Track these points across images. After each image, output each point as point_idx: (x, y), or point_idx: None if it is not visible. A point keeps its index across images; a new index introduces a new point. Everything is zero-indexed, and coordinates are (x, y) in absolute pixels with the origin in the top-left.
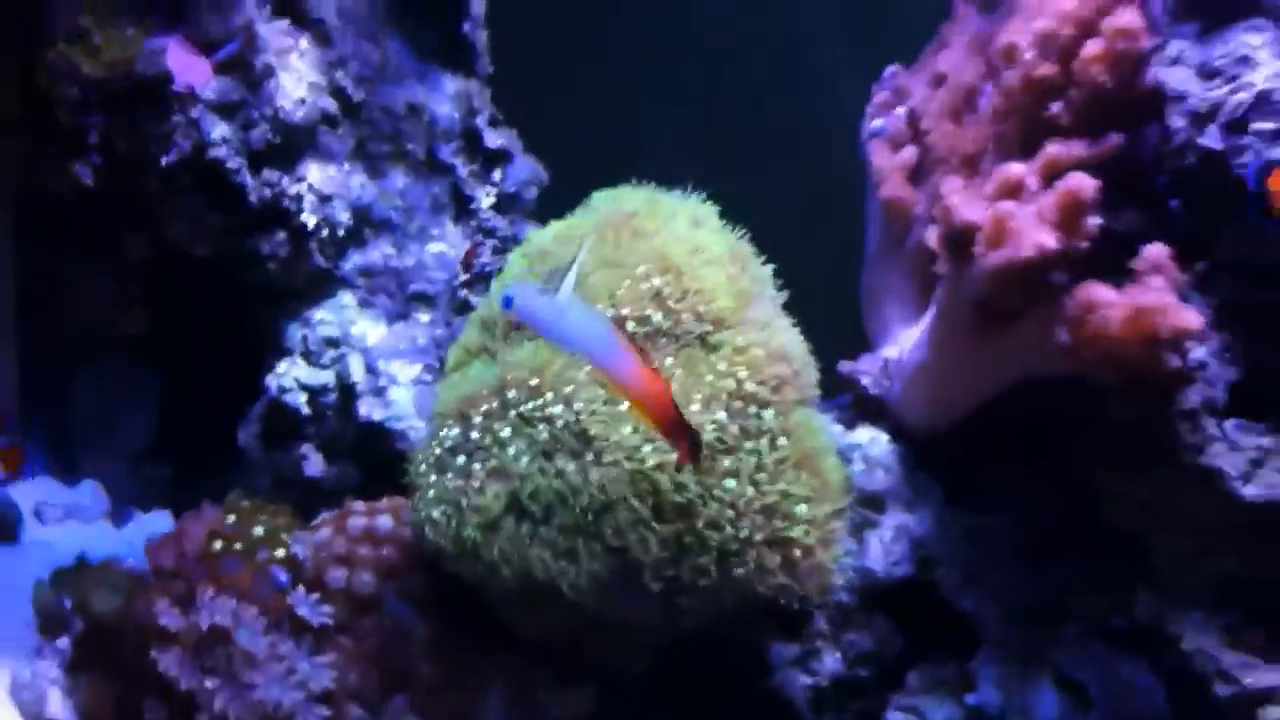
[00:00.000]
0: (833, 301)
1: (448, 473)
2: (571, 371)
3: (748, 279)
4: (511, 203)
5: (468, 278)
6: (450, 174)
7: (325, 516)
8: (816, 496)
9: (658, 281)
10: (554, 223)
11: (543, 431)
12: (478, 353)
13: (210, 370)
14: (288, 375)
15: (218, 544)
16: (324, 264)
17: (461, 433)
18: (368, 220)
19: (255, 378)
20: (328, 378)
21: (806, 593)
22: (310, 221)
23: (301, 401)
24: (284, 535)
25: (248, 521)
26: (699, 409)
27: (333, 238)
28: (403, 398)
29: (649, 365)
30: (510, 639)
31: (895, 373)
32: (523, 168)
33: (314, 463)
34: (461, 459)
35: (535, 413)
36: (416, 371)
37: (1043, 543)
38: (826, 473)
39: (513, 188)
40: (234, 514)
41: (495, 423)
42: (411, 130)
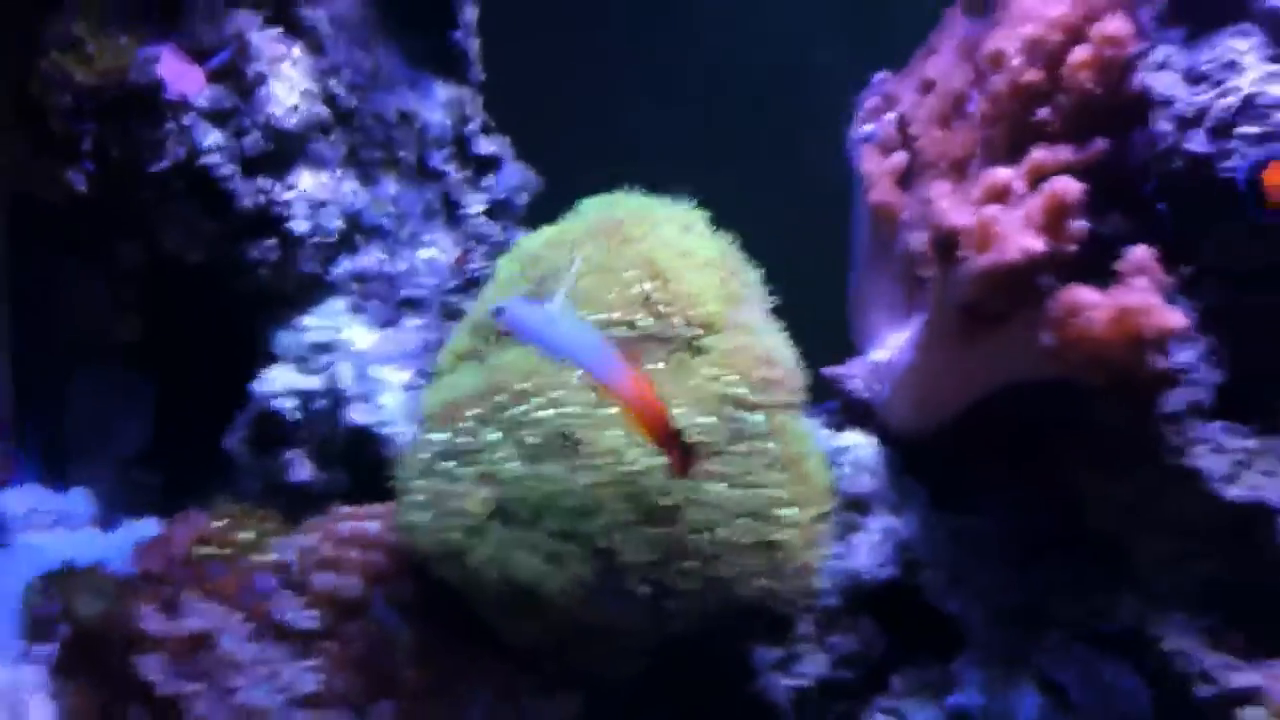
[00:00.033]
0: (821, 306)
1: (435, 477)
2: (559, 376)
3: (736, 283)
4: (503, 209)
5: (458, 283)
6: (442, 180)
7: (312, 521)
8: (802, 500)
9: (647, 286)
10: (544, 228)
11: (530, 436)
12: (467, 357)
13: (202, 376)
14: (277, 381)
15: (204, 549)
16: (315, 270)
17: (449, 437)
18: (359, 226)
19: (247, 384)
20: (317, 383)
21: (791, 596)
22: (301, 228)
23: (291, 407)
24: (271, 540)
25: (234, 526)
26: (687, 412)
27: (324, 244)
28: (393, 403)
29: (641, 376)
30: (497, 644)
31: (883, 376)
32: (514, 174)
33: (303, 468)
34: (449, 463)
35: (523, 417)
36: (407, 377)
37: (1028, 545)
38: (812, 476)
39: (504, 194)
40: (221, 519)
41: (483, 427)
42: (403, 137)
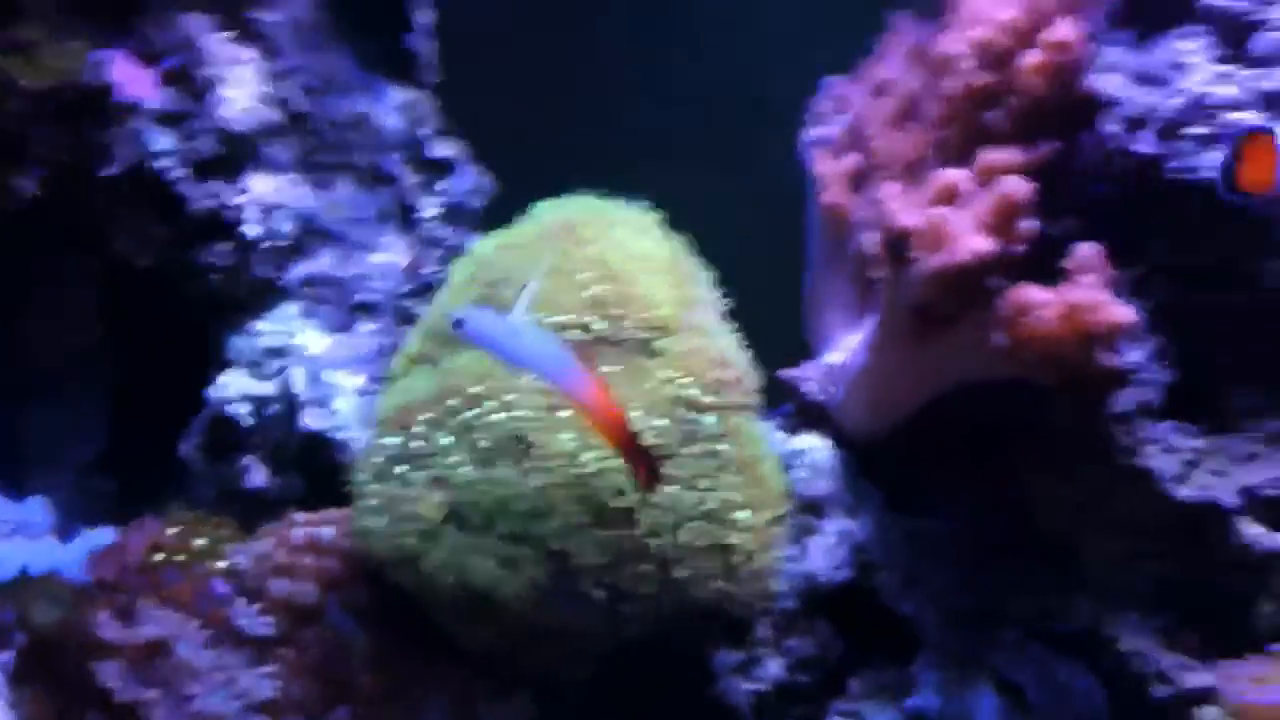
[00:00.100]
0: (778, 309)
1: (388, 482)
2: (512, 379)
3: (690, 286)
4: (457, 213)
5: (413, 287)
6: (395, 184)
7: (267, 528)
8: (757, 502)
9: (599, 289)
10: (497, 232)
11: (483, 439)
12: (421, 361)
13: (158, 382)
14: (230, 386)
15: (159, 556)
16: (268, 274)
17: (402, 441)
18: (312, 230)
19: (201, 390)
20: (271, 389)
21: (747, 599)
22: (254, 232)
23: (244, 413)
24: (225, 546)
25: (189, 533)
26: (641, 415)
27: (276, 248)
28: (347, 408)
29: (604, 388)
30: (453, 649)
31: (837, 379)
32: (468, 178)
33: (257, 474)
34: (402, 468)
35: (476, 420)
36: (361, 382)
37: (983, 546)
38: (767, 478)
39: (459, 198)
40: (175, 526)
41: (436, 431)
42: (357, 141)
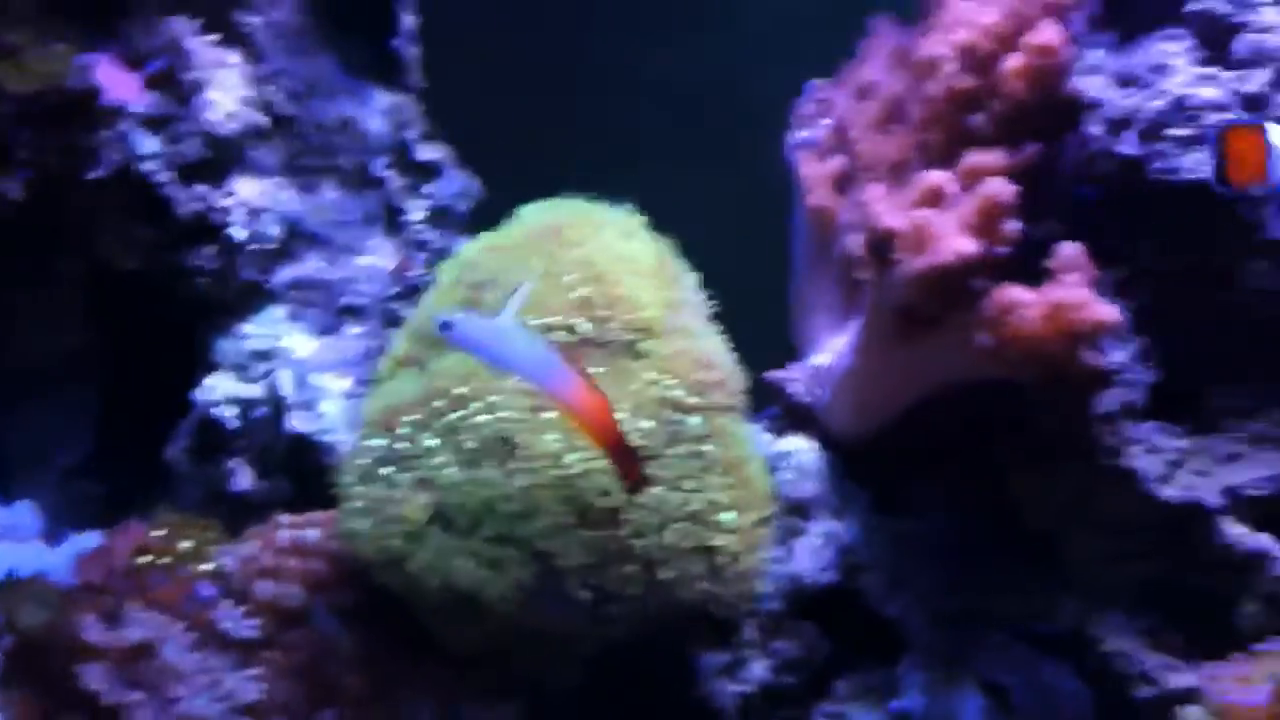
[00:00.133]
0: (766, 311)
1: (374, 483)
2: (497, 380)
3: (675, 288)
4: (443, 216)
5: (399, 290)
6: (381, 187)
7: (253, 530)
8: (743, 504)
9: (585, 291)
10: (483, 234)
11: (468, 441)
12: (407, 364)
13: (145, 386)
14: (217, 389)
15: (145, 558)
16: (254, 277)
17: (388, 443)
18: (298, 233)
19: (188, 393)
20: (257, 391)
21: (733, 600)
22: (240, 235)
23: (230, 415)
24: (211, 549)
25: (175, 536)
26: (627, 417)
27: (263, 251)
28: (333, 411)
29: (595, 391)
30: (439, 651)
31: (823, 380)
32: (455, 181)
33: (244, 477)
34: (388, 469)
35: (461, 422)
36: (347, 384)
37: (969, 548)
38: (752, 480)
39: (445, 201)
40: (161, 528)
41: (421, 433)
42: (343, 144)
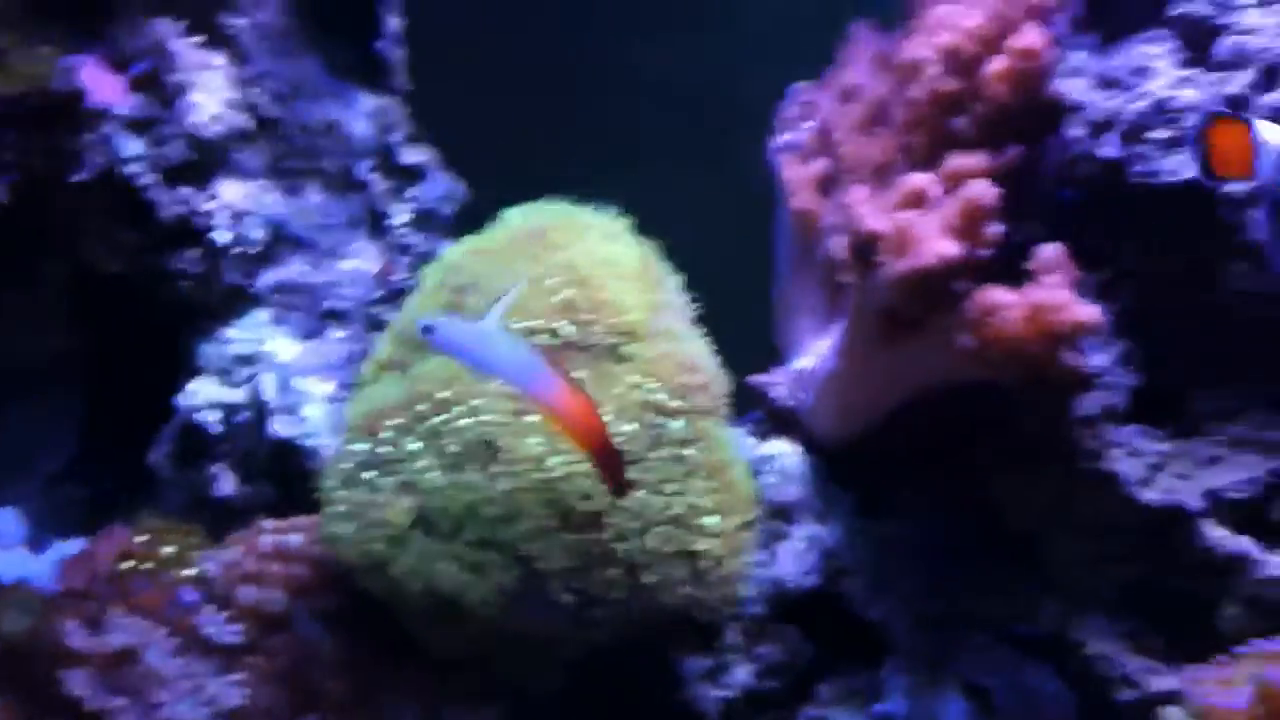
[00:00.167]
0: (747, 315)
1: (356, 488)
2: (480, 384)
3: (658, 291)
4: (428, 219)
5: (383, 294)
6: (366, 190)
7: (236, 535)
8: (726, 507)
9: (569, 293)
10: (467, 237)
11: (451, 444)
12: (390, 368)
13: (128, 390)
14: (199, 394)
15: (127, 564)
16: (238, 281)
17: (370, 447)
18: (282, 237)
19: (172, 397)
20: (240, 396)
21: (716, 604)
22: (224, 238)
23: (213, 420)
24: (194, 554)
25: (158, 541)
26: (610, 420)
27: (246, 255)
28: (317, 415)
29: (581, 394)
30: (422, 656)
31: (806, 384)
32: (440, 184)
33: (227, 482)
34: (370, 473)
35: (444, 426)
36: (331, 388)
37: (952, 551)
38: (736, 484)
39: (429, 204)
40: (144, 534)
41: (404, 436)
42: (327, 147)
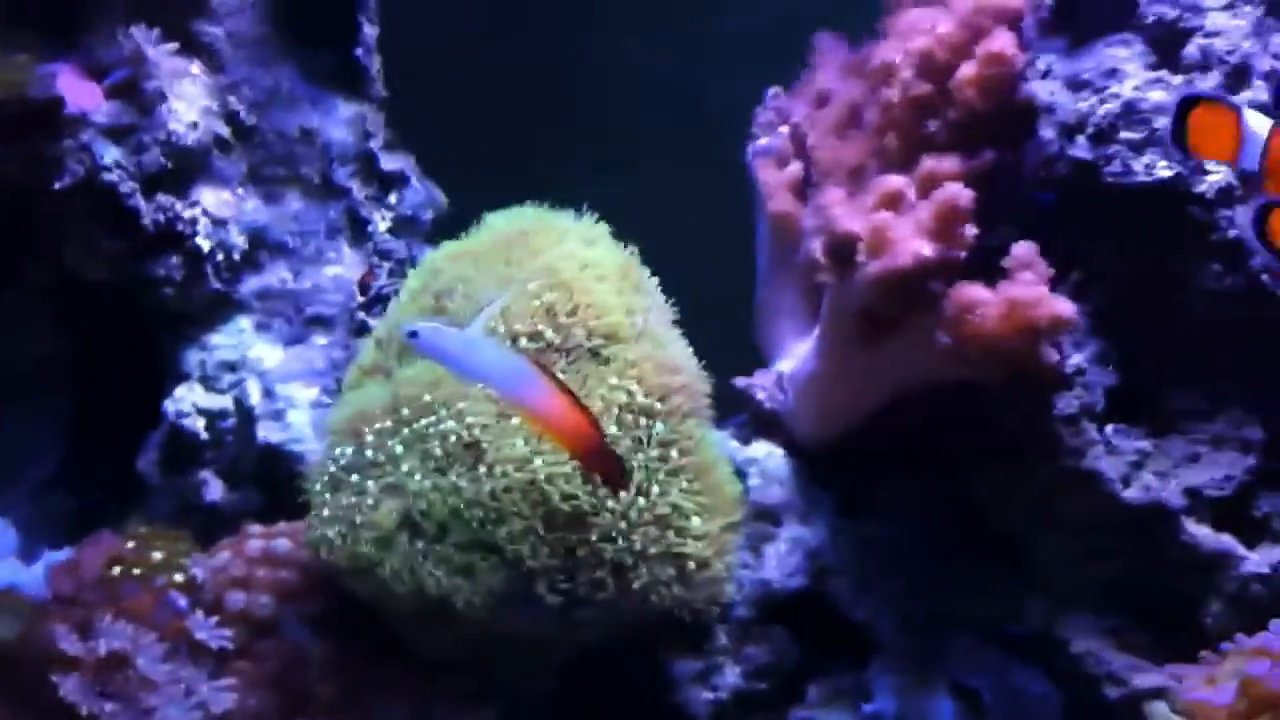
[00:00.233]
0: (730, 318)
1: (342, 491)
2: (463, 387)
3: (638, 294)
4: (408, 226)
5: (365, 300)
6: (346, 197)
7: (224, 541)
8: (709, 509)
9: (549, 297)
10: (448, 242)
11: (436, 447)
12: (373, 372)
13: (115, 398)
14: (185, 400)
15: (116, 569)
16: (220, 288)
17: (355, 451)
18: (263, 244)
19: (158, 404)
20: (226, 402)
21: (702, 605)
22: (205, 245)
23: (199, 426)
24: (182, 560)
25: (146, 547)
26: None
27: (228, 261)
28: (301, 420)
29: (570, 396)
30: (411, 658)
31: (787, 386)
32: (419, 191)
33: (214, 488)
34: (355, 477)
35: (428, 428)
36: (315, 394)
37: (936, 550)
38: (719, 485)
39: (409, 211)
40: (133, 540)
41: (388, 440)
42: (306, 154)
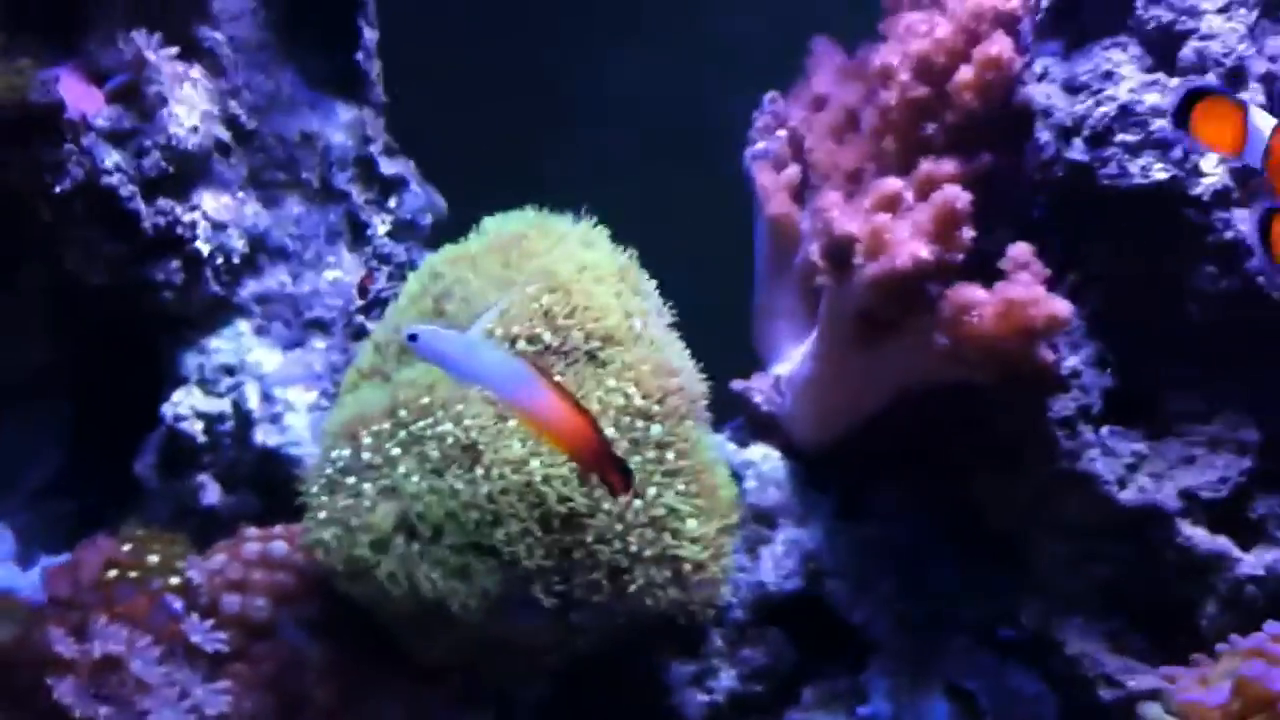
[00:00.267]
0: (728, 322)
1: (339, 494)
2: (460, 389)
3: (636, 296)
4: (407, 230)
5: (364, 303)
6: (345, 201)
7: (220, 544)
8: (706, 511)
9: (547, 300)
10: (447, 245)
11: (433, 449)
12: (371, 375)
13: (114, 402)
14: (183, 404)
15: (112, 572)
16: (219, 292)
17: (352, 453)
18: (263, 247)
19: (156, 408)
20: (224, 405)
21: (698, 608)
22: (205, 249)
23: (198, 430)
24: (179, 563)
25: (142, 550)
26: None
27: (228, 265)
28: (300, 424)
29: (570, 398)
30: (406, 662)
31: (785, 388)
32: (418, 195)
33: (212, 491)
34: (352, 479)
35: (425, 431)
36: (313, 397)
37: (932, 552)
38: (716, 487)
39: (408, 215)
40: (129, 543)
41: (386, 442)
42: (306, 158)
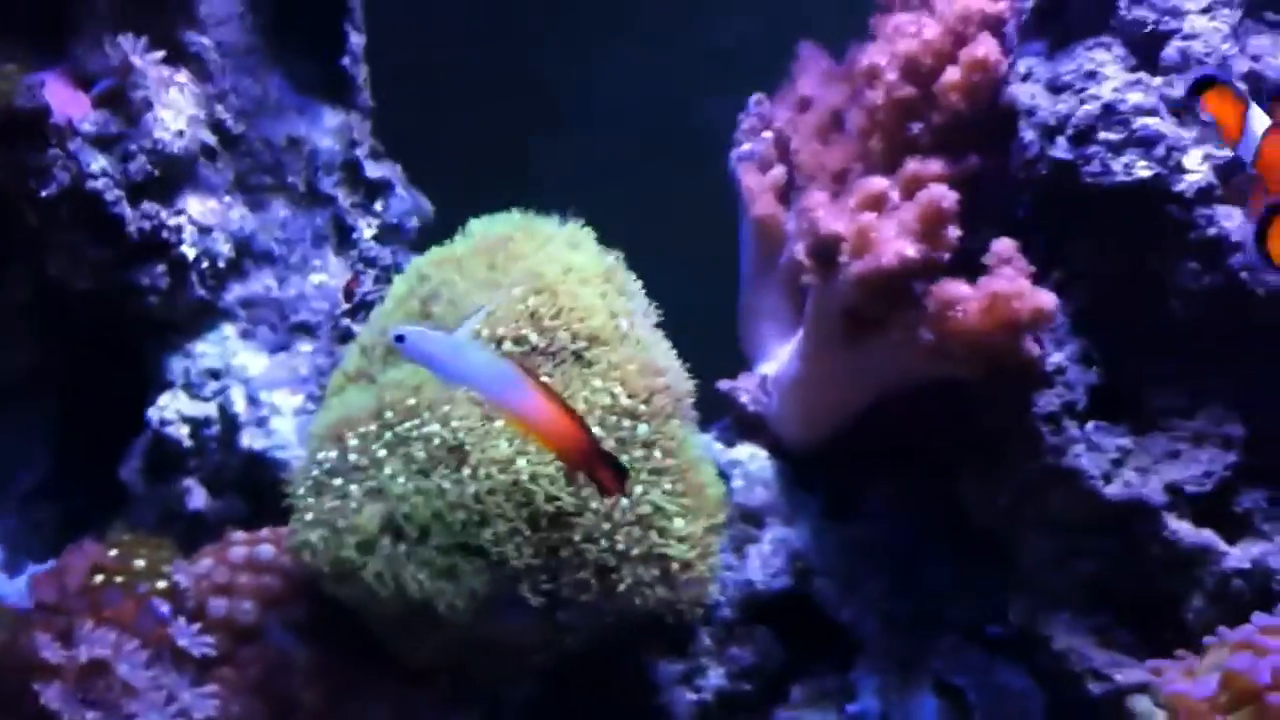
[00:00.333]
0: (714, 322)
1: (325, 495)
2: (446, 391)
3: (622, 297)
4: (393, 233)
5: (349, 307)
6: (331, 205)
7: (207, 548)
8: (692, 510)
9: (533, 301)
10: (433, 248)
11: (419, 450)
12: (357, 378)
13: (100, 406)
14: (169, 408)
15: (99, 577)
16: (205, 296)
17: (338, 455)
18: (249, 252)
19: (143, 412)
20: (210, 409)
21: (685, 607)
22: (190, 253)
23: (183, 434)
24: (165, 567)
25: (129, 554)
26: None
27: (213, 269)
28: (286, 428)
29: (557, 399)
30: (394, 663)
31: (771, 388)
32: (404, 199)
33: (198, 495)
34: (338, 481)
35: (411, 432)
36: (299, 401)
37: (919, 550)
38: (702, 486)
39: (395, 218)
40: (115, 547)
41: (372, 443)
42: (292, 162)
